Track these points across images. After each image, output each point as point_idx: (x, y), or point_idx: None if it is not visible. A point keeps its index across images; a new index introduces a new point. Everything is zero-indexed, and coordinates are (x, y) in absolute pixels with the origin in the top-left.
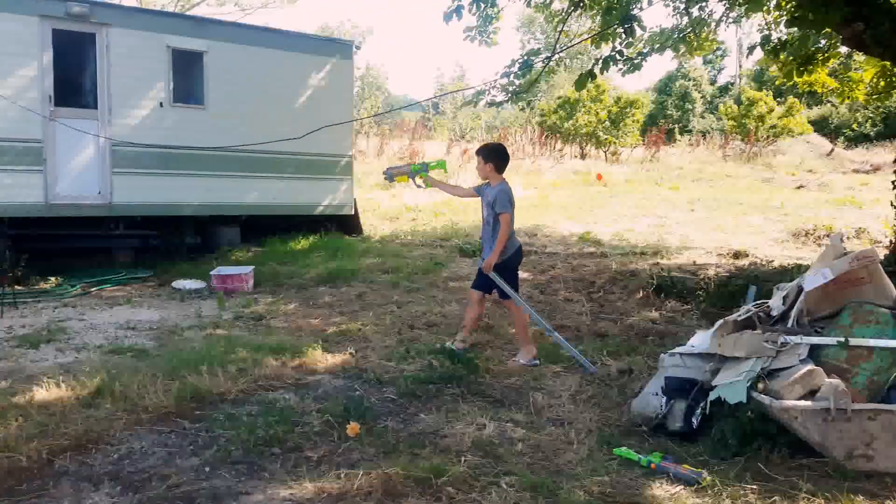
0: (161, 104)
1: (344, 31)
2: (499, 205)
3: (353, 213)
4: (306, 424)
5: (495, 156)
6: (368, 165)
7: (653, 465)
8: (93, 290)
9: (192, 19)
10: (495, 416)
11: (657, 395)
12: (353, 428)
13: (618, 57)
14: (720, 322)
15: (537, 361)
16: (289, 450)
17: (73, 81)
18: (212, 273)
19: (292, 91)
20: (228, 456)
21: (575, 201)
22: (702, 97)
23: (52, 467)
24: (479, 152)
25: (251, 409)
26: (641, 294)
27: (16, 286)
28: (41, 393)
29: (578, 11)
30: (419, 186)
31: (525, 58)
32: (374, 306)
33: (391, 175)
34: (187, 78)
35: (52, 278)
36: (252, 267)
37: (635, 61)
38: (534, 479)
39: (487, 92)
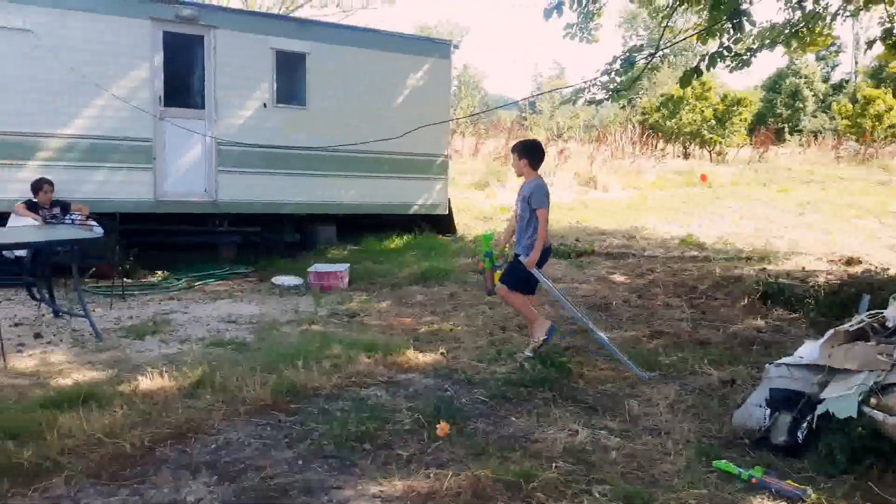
0: (264, 105)
1: (442, 30)
2: (535, 200)
3: (447, 212)
4: (397, 422)
5: (530, 152)
6: (463, 165)
7: (754, 480)
8: (196, 284)
9: (296, 21)
10: (588, 422)
11: (761, 406)
12: (443, 428)
13: (725, 53)
14: (831, 332)
15: (554, 327)
16: (379, 447)
17: (182, 82)
18: (309, 270)
19: (390, 91)
20: (321, 450)
21: (676, 203)
22: (814, 95)
23: (154, 455)
24: (514, 149)
25: (344, 405)
26: (746, 301)
27: (125, 279)
28: (145, 382)
29: (684, 6)
30: (501, 264)
31: (627, 55)
32: (466, 307)
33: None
34: (290, 79)
35: (159, 272)
36: (347, 265)
37: (744, 57)
38: (627, 489)
39: (587, 90)
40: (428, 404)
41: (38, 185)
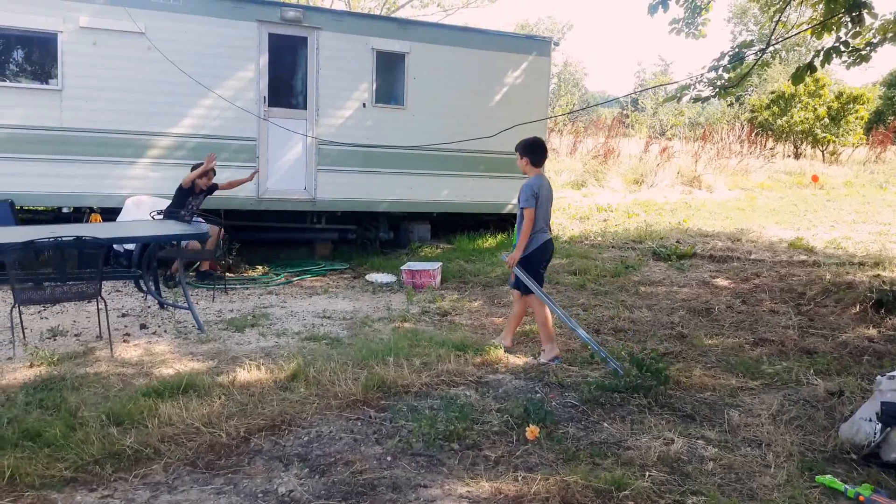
0: (364, 105)
1: (543, 27)
2: (520, 199)
3: None
4: (486, 423)
5: (529, 150)
6: (561, 164)
7: (861, 498)
8: (294, 279)
9: (396, 21)
10: (685, 431)
11: (871, 420)
12: (532, 431)
13: (842, 48)
14: None
15: (559, 359)
16: (467, 447)
17: (285, 83)
18: (402, 268)
19: (488, 89)
20: (409, 447)
21: (786, 204)
22: None
23: (248, 445)
24: (516, 148)
25: (433, 403)
26: (858, 308)
27: (227, 273)
28: (243, 374)
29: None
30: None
31: (736, 50)
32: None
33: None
34: (389, 79)
35: (260, 267)
36: (440, 263)
37: (863, 52)
38: (724, 502)
39: (693, 86)
40: (517, 406)
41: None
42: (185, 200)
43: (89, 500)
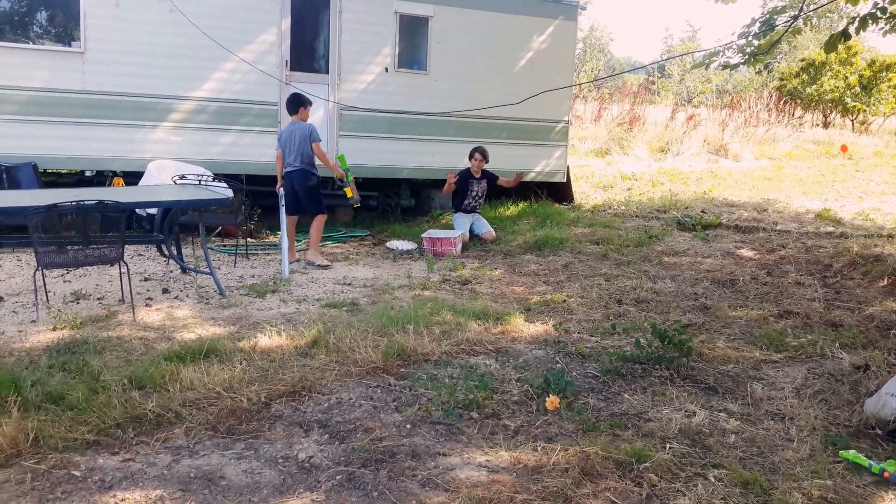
0: (386, 69)
1: None
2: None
3: (565, 180)
4: (505, 392)
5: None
6: (585, 131)
7: (886, 474)
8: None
9: None
10: (707, 403)
11: None
12: (552, 401)
13: (879, 14)
14: None
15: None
16: (487, 416)
17: (307, 47)
18: (423, 235)
19: (512, 54)
20: (429, 415)
21: (813, 175)
22: None
23: (269, 410)
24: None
25: (452, 372)
26: (886, 282)
27: (248, 239)
28: (264, 340)
29: None
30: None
31: (767, 16)
32: (581, 278)
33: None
34: (412, 43)
35: (279, 233)
36: (461, 231)
37: None
38: (746, 475)
39: (722, 53)
40: (538, 376)
41: (471, 154)
42: None
43: (111, 462)
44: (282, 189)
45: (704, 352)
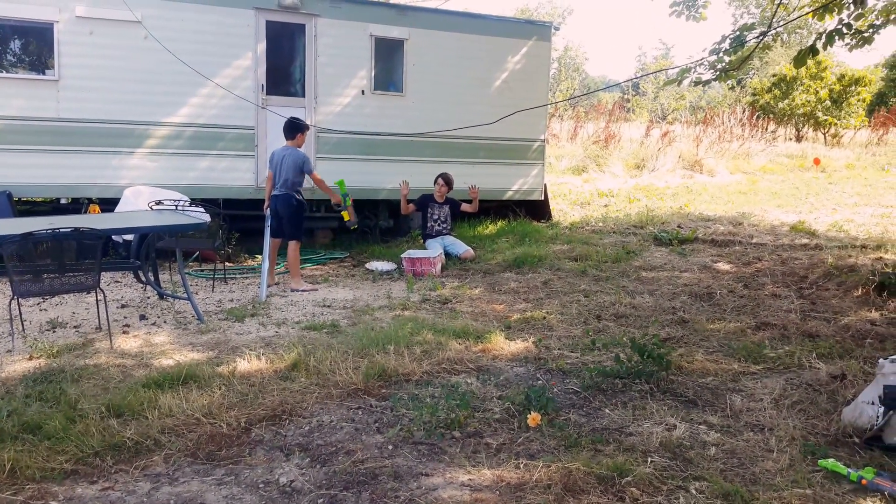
0: (363, 92)
1: (543, 12)
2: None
3: (542, 198)
4: (487, 410)
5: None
6: (561, 149)
7: (864, 482)
8: None
9: (395, 7)
10: (687, 416)
11: (873, 404)
12: (533, 418)
13: (844, 30)
14: None
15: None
16: (469, 435)
17: (283, 71)
18: (402, 256)
19: (487, 75)
20: (411, 436)
21: (787, 188)
22: None
23: (249, 435)
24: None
25: (434, 391)
26: (860, 292)
27: (226, 263)
28: (243, 364)
29: None
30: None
31: (737, 33)
32: (560, 294)
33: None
34: (387, 66)
35: (259, 256)
36: (441, 251)
37: (865, 35)
38: (726, 487)
39: (693, 70)
40: (519, 393)
41: (435, 179)
42: None
43: (90, 492)
44: (268, 210)
45: (683, 365)
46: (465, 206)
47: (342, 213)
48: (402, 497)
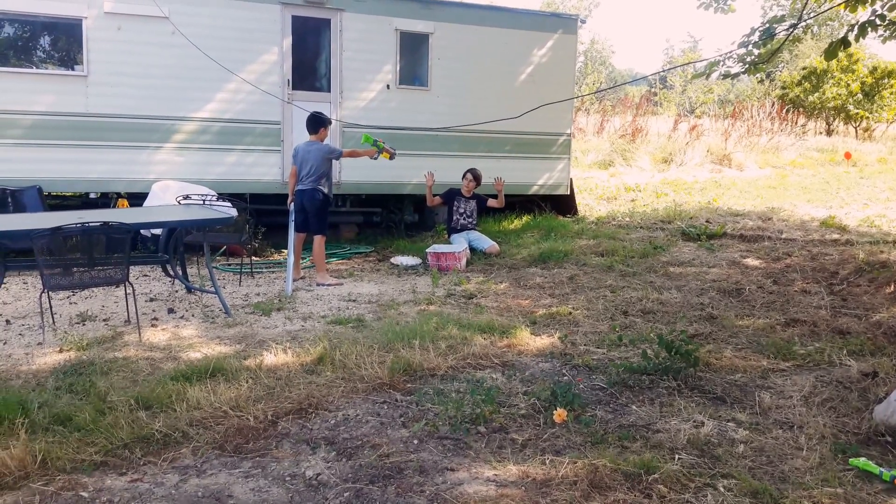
0: (388, 86)
1: (570, 4)
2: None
3: (568, 192)
4: (512, 406)
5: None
6: (587, 143)
7: None
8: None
9: (420, 1)
10: (715, 413)
11: None
12: (559, 414)
13: (878, 21)
14: None
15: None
16: (494, 430)
17: (309, 66)
18: (427, 250)
19: (513, 69)
20: (436, 431)
21: (817, 182)
22: None
23: (276, 428)
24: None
25: (459, 386)
26: (893, 288)
27: (253, 257)
28: (270, 358)
29: None
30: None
31: (767, 25)
32: (586, 290)
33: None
34: (413, 60)
35: (285, 251)
36: (466, 245)
37: None
38: (755, 485)
39: (722, 63)
40: (545, 389)
41: (464, 174)
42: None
43: (119, 483)
44: (292, 205)
45: (712, 362)
46: (491, 202)
47: (381, 156)
48: (428, 492)
